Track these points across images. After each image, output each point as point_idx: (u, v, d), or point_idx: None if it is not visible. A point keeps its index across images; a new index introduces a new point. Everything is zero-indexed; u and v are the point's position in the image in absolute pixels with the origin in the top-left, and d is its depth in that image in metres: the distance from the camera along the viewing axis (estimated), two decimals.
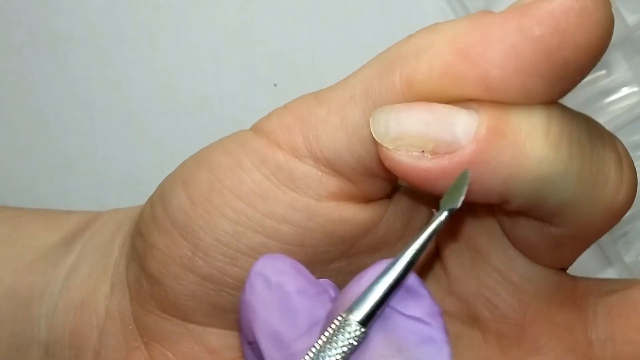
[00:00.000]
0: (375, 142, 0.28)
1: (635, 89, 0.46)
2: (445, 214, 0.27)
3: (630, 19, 0.45)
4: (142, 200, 0.34)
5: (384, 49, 0.30)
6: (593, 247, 0.37)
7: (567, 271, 0.32)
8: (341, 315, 0.27)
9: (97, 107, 0.50)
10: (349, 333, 0.27)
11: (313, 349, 0.27)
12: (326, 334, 0.27)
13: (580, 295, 0.31)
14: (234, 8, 0.49)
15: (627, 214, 0.45)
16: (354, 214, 0.30)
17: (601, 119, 0.46)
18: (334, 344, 0.27)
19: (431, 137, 0.26)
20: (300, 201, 0.29)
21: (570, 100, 0.46)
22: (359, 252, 0.31)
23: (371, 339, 0.28)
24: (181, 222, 0.30)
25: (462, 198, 0.26)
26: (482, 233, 0.32)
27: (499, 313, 0.31)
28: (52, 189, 0.50)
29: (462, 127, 0.26)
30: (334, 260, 0.31)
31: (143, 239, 0.32)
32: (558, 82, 0.26)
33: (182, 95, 0.49)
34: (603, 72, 0.46)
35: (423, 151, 0.27)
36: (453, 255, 0.32)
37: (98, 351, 0.33)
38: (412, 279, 0.28)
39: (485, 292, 0.32)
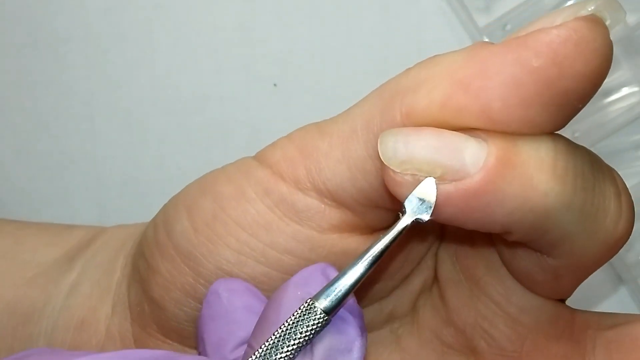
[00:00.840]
0: (379, 170, 0.28)
1: (635, 88, 0.46)
2: (409, 221, 0.27)
3: (630, 19, 0.45)
4: (140, 200, 0.34)
5: (384, 50, 0.30)
6: None
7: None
8: (307, 302, 0.28)
9: (97, 107, 0.50)
10: (313, 320, 0.28)
11: (274, 336, 0.28)
12: (289, 320, 0.28)
13: (578, 328, 0.31)
14: (234, 8, 0.49)
15: None
16: (357, 246, 0.30)
17: (601, 119, 0.46)
18: (296, 331, 0.28)
19: (440, 163, 0.26)
20: (302, 233, 0.30)
21: None
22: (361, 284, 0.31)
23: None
24: (184, 248, 0.31)
25: (431, 211, 0.27)
26: (480, 264, 0.32)
27: (496, 345, 0.31)
28: (51, 189, 0.50)
29: (471, 155, 0.26)
30: None
31: (146, 262, 0.32)
32: (560, 111, 0.26)
33: (182, 95, 0.49)
34: None
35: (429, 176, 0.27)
36: (452, 285, 0.32)
37: None
38: None
39: (482, 323, 0.31)
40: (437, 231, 0.33)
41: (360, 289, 0.30)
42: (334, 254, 0.30)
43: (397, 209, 0.30)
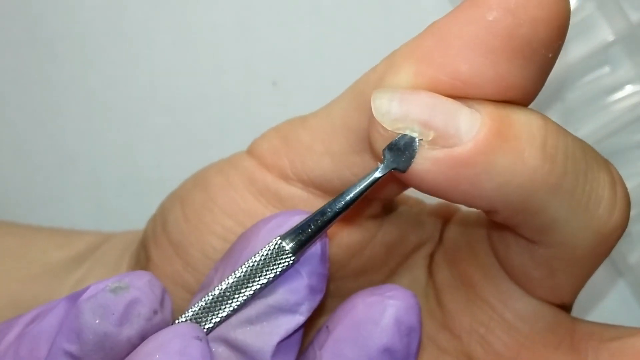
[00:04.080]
0: (364, 162, 0.28)
1: (639, 87, 0.46)
2: (383, 172, 0.27)
3: (634, 16, 0.45)
4: (140, 200, 0.34)
5: (384, 47, 0.30)
6: None
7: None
8: (275, 240, 0.28)
9: (96, 106, 0.49)
10: (280, 259, 0.28)
11: (238, 271, 0.28)
12: (256, 257, 0.28)
13: (579, 339, 0.31)
14: (234, 7, 0.49)
15: (630, 215, 0.45)
16: (341, 236, 0.31)
17: (605, 117, 0.46)
18: (261, 269, 0.28)
19: (434, 125, 0.26)
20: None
21: (574, 97, 0.46)
22: (346, 276, 0.32)
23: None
24: (175, 237, 0.32)
25: (411, 164, 0.26)
26: (477, 268, 0.31)
27: (492, 351, 0.31)
28: (50, 188, 0.50)
29: (465, 122, 0.26)
30: None
31: (144, 253, 0.33)
32: (530, 63, 0.26)
33: (181, 93, 0.49)
34: (606, 70, 0.46)
35: (421, 139, 0.26)
36: (448, 290, 0.32)
37: None
38: (323, 240, 0.29)
39: (479, 328, 0.31)
40: (430, 233, 0.33)
41: (347, 281, 0.30)
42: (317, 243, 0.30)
43: (381, 197, 0.30)
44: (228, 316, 0.28)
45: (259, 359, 0.28)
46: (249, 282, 0.28)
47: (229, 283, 0.28)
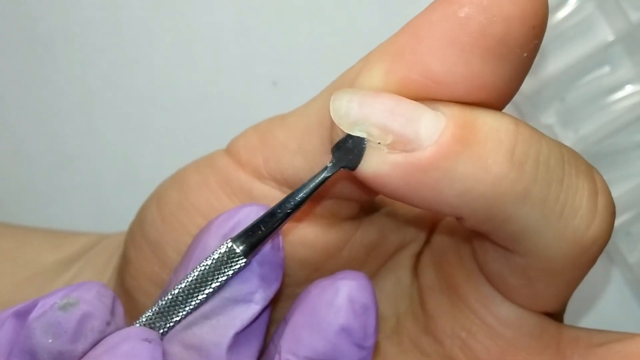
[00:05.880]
0: (330, 129, 0.27)
1: (639, 87, 0.46)
2: (331, 171, 0.27)
3: (634, 16, 0.45)
4: (139, 200, 0.34)
5: None
6: None
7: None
8: (226, 243, 0.28)
9: (96, 106, 0.49)
10: (231, 262, 0.28)
11: (190, 275, 0.28)
12: (207, 261, 0.28)
13: (565, 345, 0.30)
14: (233, 6, 0.49)
15: (630, 215, 0.45)
16: (315, 237, 0.30)
17: (605, 117, 0.45)
18: (213, 272, 0.28)
19: (393, 129, 0.25)
20: None
21: (574, 97, 0.46)
22: (325, 276, 0.31)
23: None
24: (152, 238, 0.31)
25: (361, 162, 0.26)
26: (461, 271, 0.31)
27: (473, 356, 0.31)
28: (50, 188, 0.50)
29: (427, 127, 0.25)
30: (299, 285, 0.31)
31: (123, 255, 0.33)
32: (504, 62, 0.25)
33: (181, 93, 0.49)
34: (606, 69, 0.46)
35: (379, 142, 0.26)
36: (432, 294, 0.32)
37: None
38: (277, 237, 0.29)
39: (460, 333, 0.31)
40: (414, 233, 0.33)
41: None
42: (291, 244, 0.30)
43: (355, 199, 0.30)
44: (182, 319, 0.28)
45: (215, 354, 0.28)
46: (201, 286, 0.28)
47: (181, 287, 0.28)
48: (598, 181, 0.28)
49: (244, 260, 0.27)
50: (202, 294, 0.28)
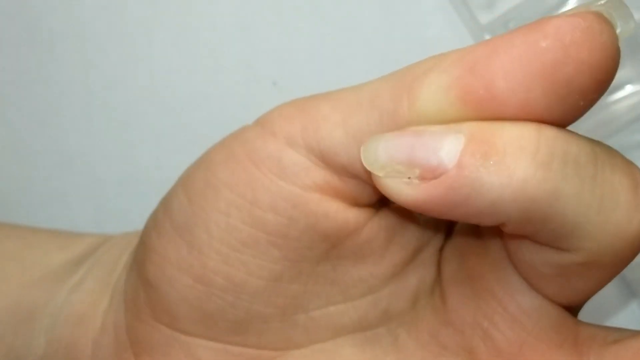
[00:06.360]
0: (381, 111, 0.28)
1: (639, 87, 0.46)
2: None
3: (635, 16, 0.45)
4: (139, 200, 0.34)
5: (384, 47, 0.30)
6: None
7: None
8: None
9: (95, 106, 0.49)
10: None
11: None
12: None
13: (583, 341, 0.30)
14: (233, 6, 0.49)
15: None
16: (337, 211, 0.30)
17: (605, 117, 0.46)
18: None
19: (417, 162, 0.27)
20: (286, 189, 0.30)
21: None
22: (344, 257, 0.31)
23: None
24: (180, 222, 0.31)
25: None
26: (486, 260, 0.31)
27: (493, 346, 0.31)
28: (49, 188, 0.50)
29: (448, 151, 0.26)
30: (319, 262, 0.31)
31: (144, 246, 0.32)
32: (560, 101, 0.26)
33: (181, 93, 0.49)
34: None
35: (410, 177, 0.27)
36: (454, 284, 0.32)
37: None
38: None
39: (482, 322, 0.31)
40: (438, 228, 0.33)
41: (346, 264, 0.31)
42: (314, 214, 0.30)
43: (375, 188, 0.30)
44: None
45: None
46: None
47: None
48: (637, 176, 0.28)
49: None
50: None
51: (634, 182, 0.28)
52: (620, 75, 0.46)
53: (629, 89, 0.46)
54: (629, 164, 0.28)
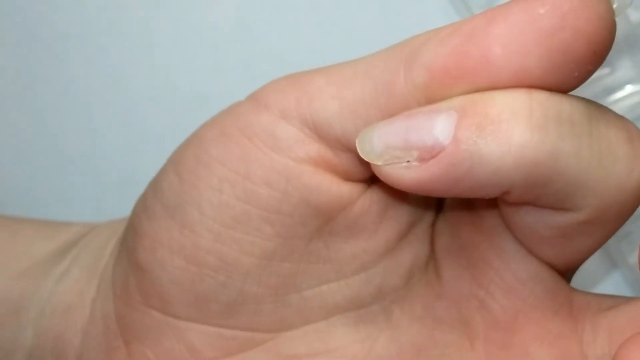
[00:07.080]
0: (369, 117, 0.28)
1: (639, 87, 0.46)
2: None
3: (634, 16, 0.45)
4: None
5: (384, 46, 0.30)
6: None
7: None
8: None
9: (96, 106, 0.49)
10: None
11: None
12: None
13: (578, 308, 0.30)
14: (233, 6, 0.49)
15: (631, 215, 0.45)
16: (330, 185, 0.30)
17: None
18: None
19: (413, 144, 0.27)
20: (279, 162, 0.30)
21: None
22: (336, 234, 0.31)
23: None
24: (171, 202, 0.31)
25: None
26: (481, 229, 0.31)
27: (489, 316, 0.31)
28: (49, 188, 0.50)
29: (442, 128, 0.26)
30: (312, 239, 0.31)
31: (133, 230, 0.32)
32: (555, 69, 0.26)
33: (181, 93, 0.49)
34: (606, 70, 0.46)
35: (409, 161, 0.27)
36: (448, 256, 0.32)
37: (80, 355, 0.33)
38: None
39: (478, 292, 0.31)
40: (429, 203, 0.33)
41: (337, 240, 0.31)
42: (307, 188, 0.30)
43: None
44: None
45: None
46: None
47: None
48: (631, 128, 0.28)
49: None
50: None
51: (628, 134, 0.28)
52: (620, 75, 0.46)
53: (629, 89, 0.46)
54: (622, 118, 0.29)
